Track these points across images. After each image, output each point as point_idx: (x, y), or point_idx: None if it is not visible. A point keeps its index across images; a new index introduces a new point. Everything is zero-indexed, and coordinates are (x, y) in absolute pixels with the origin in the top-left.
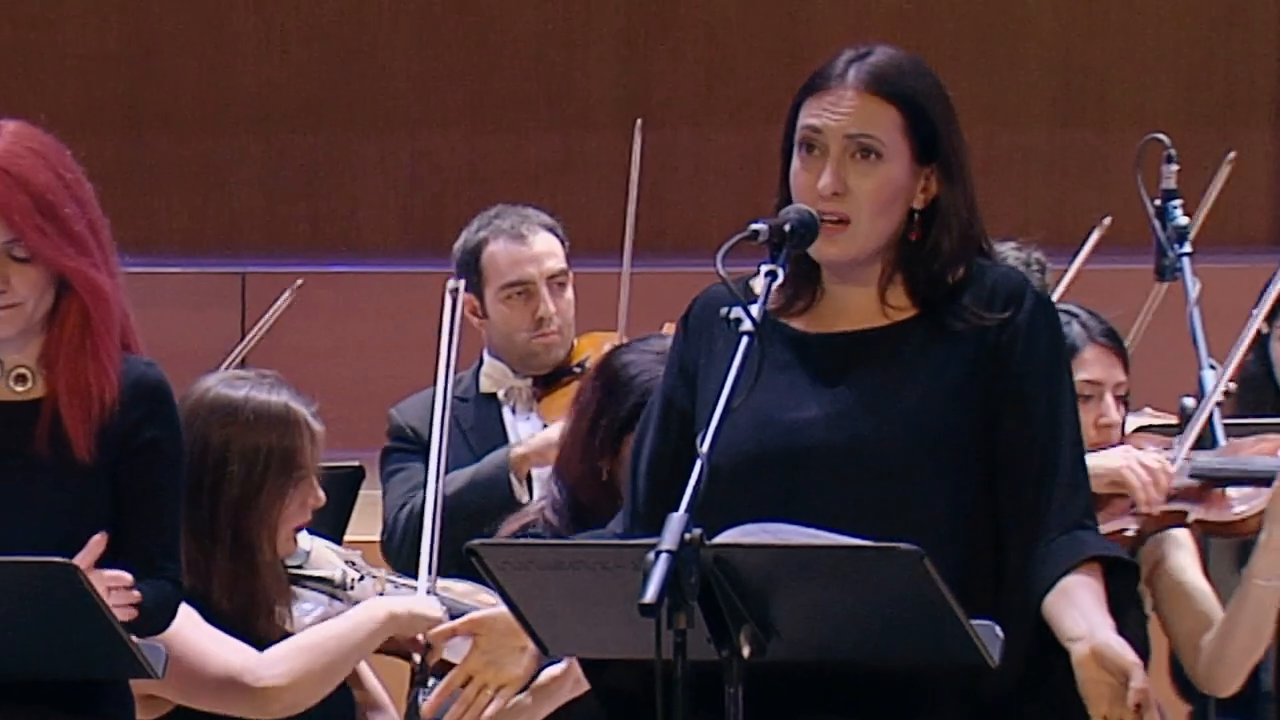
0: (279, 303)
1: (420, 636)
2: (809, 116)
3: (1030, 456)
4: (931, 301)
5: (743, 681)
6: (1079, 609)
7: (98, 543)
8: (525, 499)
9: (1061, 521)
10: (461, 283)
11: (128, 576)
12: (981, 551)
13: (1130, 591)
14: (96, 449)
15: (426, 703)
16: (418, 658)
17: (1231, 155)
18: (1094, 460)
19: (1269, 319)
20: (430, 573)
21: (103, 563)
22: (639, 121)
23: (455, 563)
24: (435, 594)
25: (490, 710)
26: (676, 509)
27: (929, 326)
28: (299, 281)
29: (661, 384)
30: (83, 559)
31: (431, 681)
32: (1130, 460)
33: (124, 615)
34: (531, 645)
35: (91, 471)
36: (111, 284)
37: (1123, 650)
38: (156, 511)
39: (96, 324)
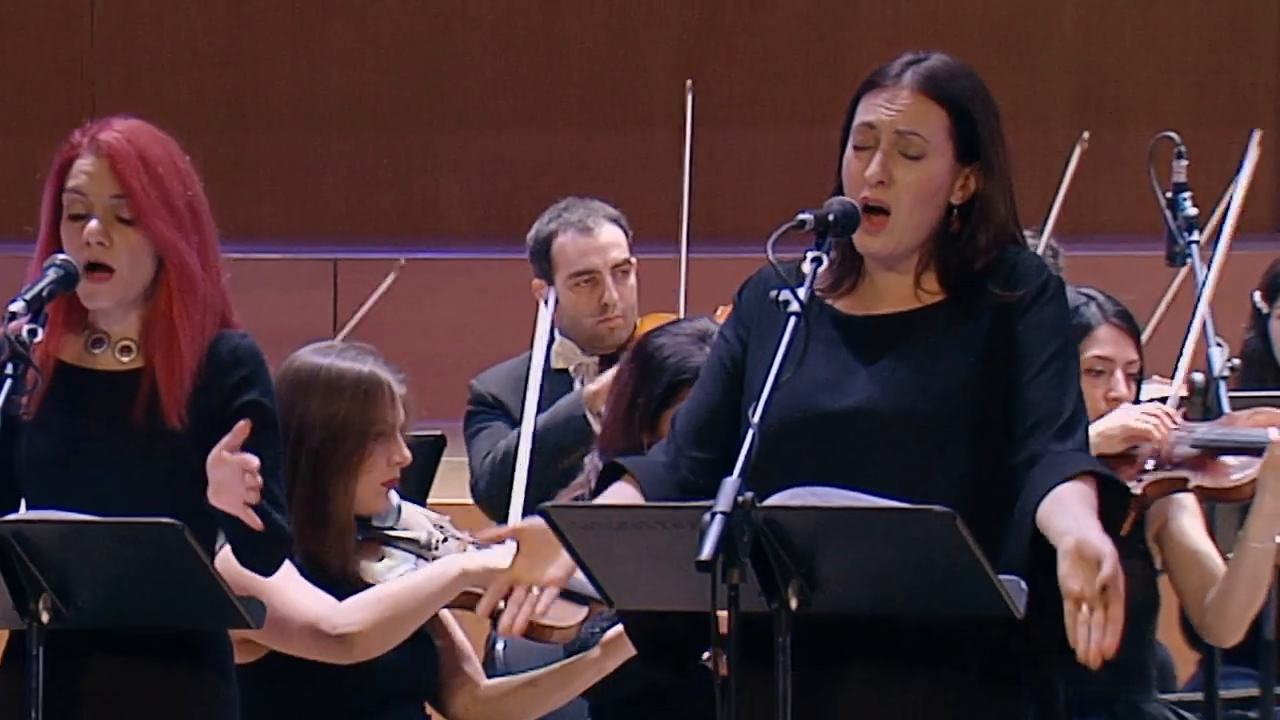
0: (384, 284)
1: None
2: (864, 112)
3: (1035, 402)
4: (960, 287)
5: (791, 630)
6: (1069, 513)
7: (241, 429)
8: (597, 431)
9: (1060, 443)
10: (552, 292)
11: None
12: (1006, 511)
13: (1121, 512)
14: (188, 417)
15: (479, 607)
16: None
17: (1258, 135)
18: (1100, 425)
19: (1269, 298)
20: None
21: (212, 523)
22: (689, 81)
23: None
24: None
25: (541, 605)
26: (711, 453)
27: (955, 309)
28: (401, 261)
29: (714, 347)
30: (228, 441)
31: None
32: (1132, 412)
33: (250, 498)
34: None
35: (184, 438)
36: (201, 265)
37: (1100, 542)
38: (260, 470)
39: (183, 297)
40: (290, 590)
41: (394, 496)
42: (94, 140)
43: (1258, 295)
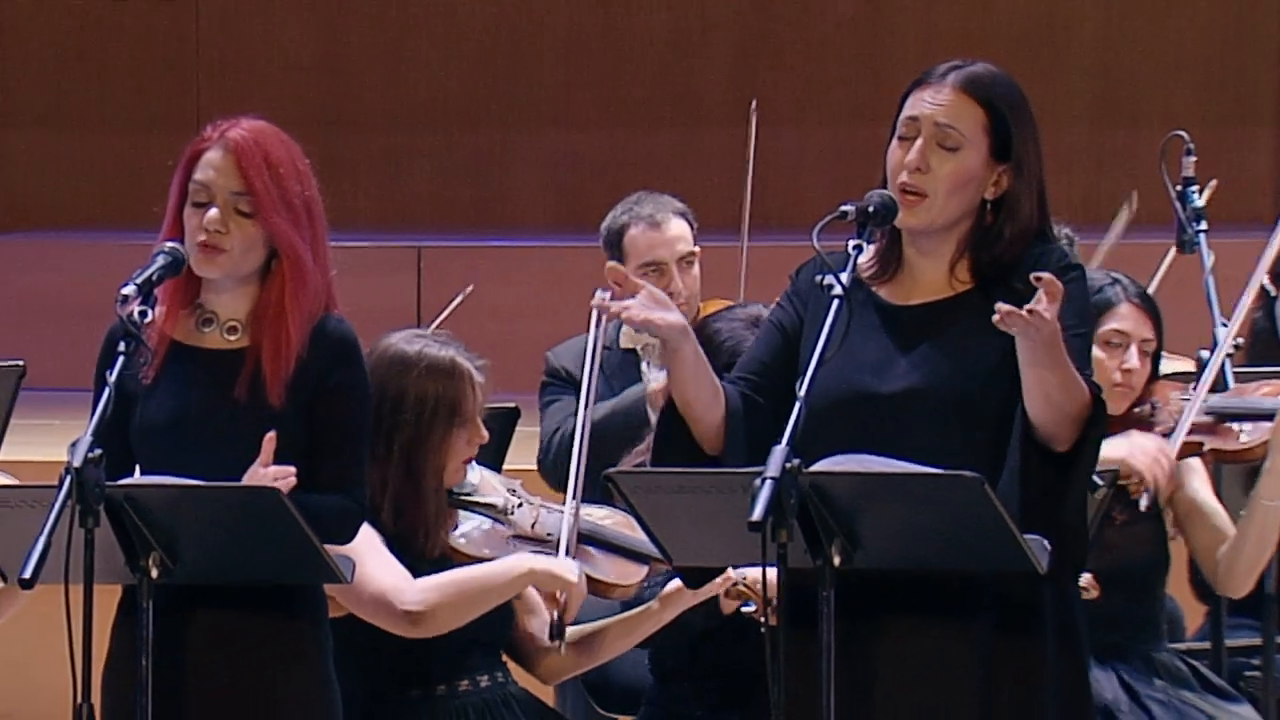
0: (458, 299)
1: (558, 594)
2: (909, 107)
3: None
4: (987, 277)
5: (834, 585)
6: None
7: (269, 440)
8: None
9: None
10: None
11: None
12: (1039, 496)
13: (1102, 420)
14: (287, 395)
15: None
16: (556, 614)
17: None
18: (1106, 449)
19: (1276, 281)
20: (575, 497)
21: (296, 490)
22: (754, 102)
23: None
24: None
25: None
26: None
27: (984, 297)
28: (470, 288)
29: (772, 312)
30: (261, 459)
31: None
32: (1138, 448)
33: (284, 486)
34: None
35: (282, 414)
36: (312, 258)
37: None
38: (344, 444)
39: (295, 288)
40: (369, 560)
41: (472, 464)
42: (223, 136)
43: (1266, 279)
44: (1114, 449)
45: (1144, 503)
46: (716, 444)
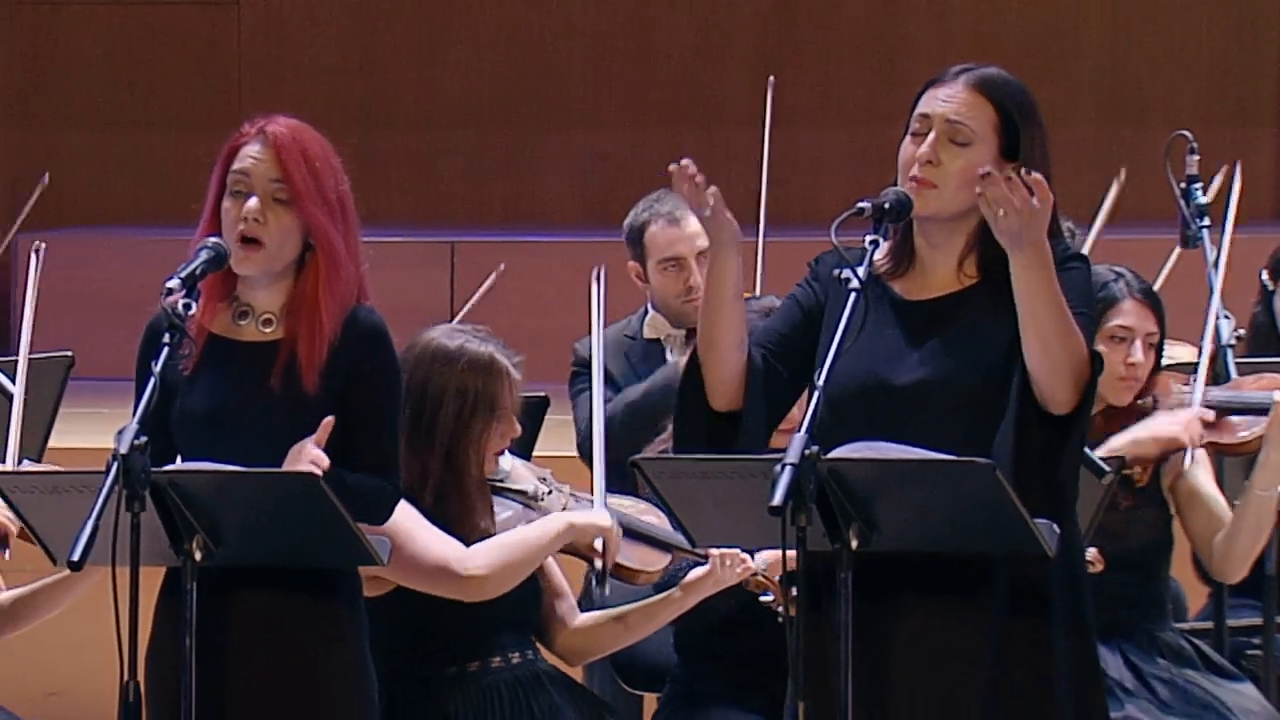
0: (488, 281)
1: (595, 543)
2: (922, 105)
3: None
4: (992, 271)
5: (851, 567)
6: None
7: (326, 425)
8: None
9: None
10: (603, 267)
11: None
12: (1036, 461)
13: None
14: (320, 382)
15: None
16: (597, 562)
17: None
18: (1137, 430)
19: (1275, 276)
20: (602, 491)
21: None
22: (771, 79)
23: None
24: (608, 507)
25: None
26: (776, 370)
27: (989, 291)
28: (501, 266)
29: (793, 292)
30: (317, 437)
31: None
32: (1166, 421)
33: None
34: None
35: (316, 402)
36: (345, 249)
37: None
38: (377, 430)
39: (328, 277)
40: (421, 535)
41: (505, 454)
42: (262, 131)
43: (1264, 274)
44: (1144, 429)
45: (1187, 460)
46: (733, 398)
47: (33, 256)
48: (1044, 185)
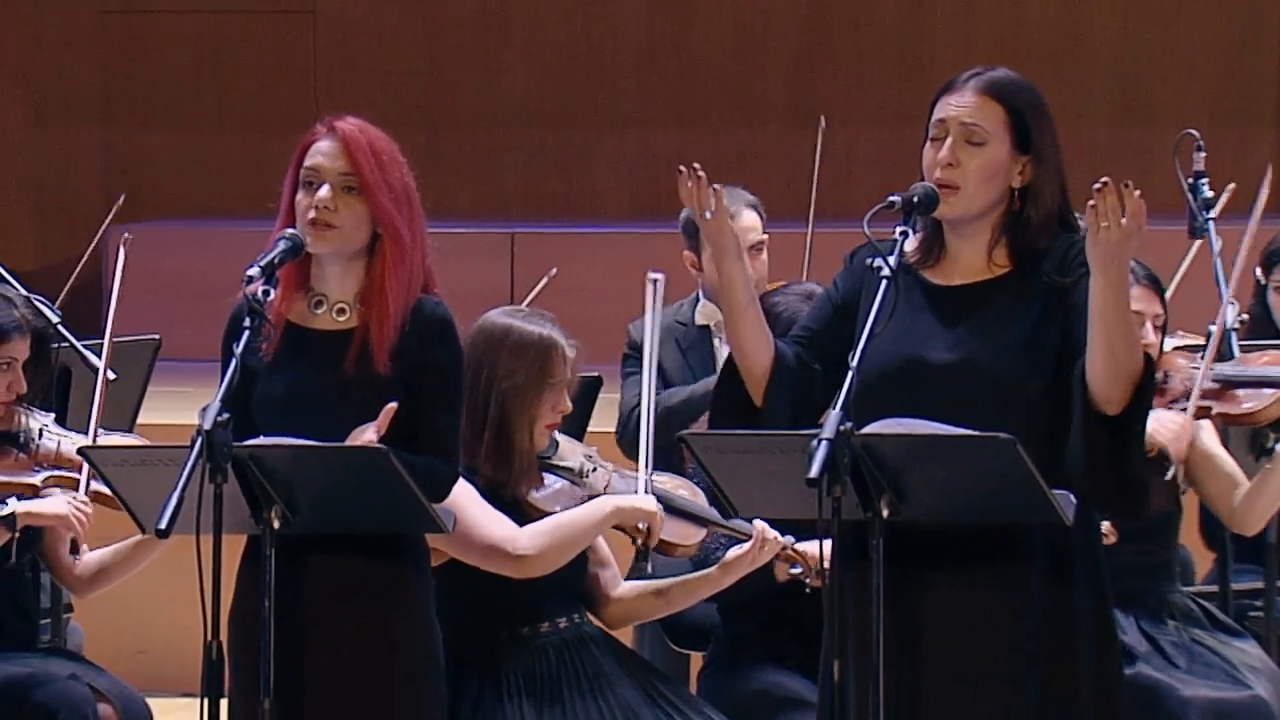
0: (542, 281)
1: (640, 524)
2: (938, 111)
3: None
4: (1023, 262)
5: (883, 535)
6: None
7: (388, 411)
8: None
9: None
10: (661, 275)
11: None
12: (1056, 439)
13: (1152, 381)
14: (390, 366)
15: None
16: (640, 541)
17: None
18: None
19: (1266, 271)
20: (647, 467)
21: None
22: (822, 118)
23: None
24: (651, 485)
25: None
26: (807, 364)
27: (1019, 280)
28: (554, 271)
29: (827, 289)
30: (379, 423)
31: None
32: (1157, 424)
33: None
34: None
35: (387, 384)
36: (410, 238)
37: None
38: (438, 415)
39: (394, 263)
40: (476, 513)
41: (554, 432)
42: (332, 128)
43: (1258, 269)
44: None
45: (1170, 473)
46: (762, 394)
47: (120, 248)
48: (1142, 210)
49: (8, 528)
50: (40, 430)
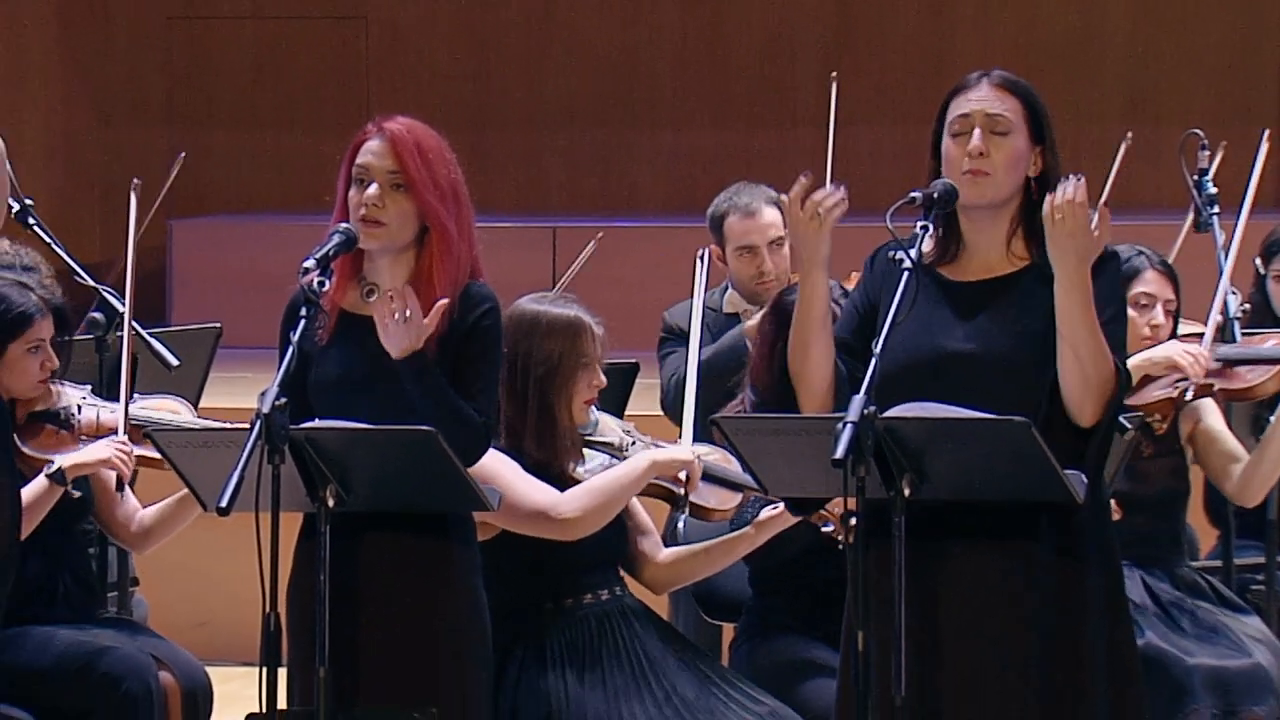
0: (587, 250)
1: (680, 474)
2: (957, 108)
3: None
4: (1041, 255)
5: (904, 512)
6: None
7: (439, 308)
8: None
9: None
10: (709, 249)
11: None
12: (1068, 425)
13: (1125, 392)
14: (439, 351)
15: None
16: (680, 490)
17: (1268, 133)
18: (1152, 351)
19: (1266, 261)
20: (691, 431)
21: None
22: (834, 74)
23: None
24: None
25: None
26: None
27: (1036, 275)
28: (600, 234)
29: (851, 297)
30: (430, 319)
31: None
32: (1179, 348)
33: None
34: None
35: (436, 365)
36: (457, 231)
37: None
38: (475, 379)
39: (441, 254)
40: (521, 484)
41: (593, 410)
42: (381, 128)
43: (1257, 259)
44: (1163, 349)
45: (1189, 395)
46: (824, 402)
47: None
48: (1107, 217)
49: (58, 483)
50: (78, 405)
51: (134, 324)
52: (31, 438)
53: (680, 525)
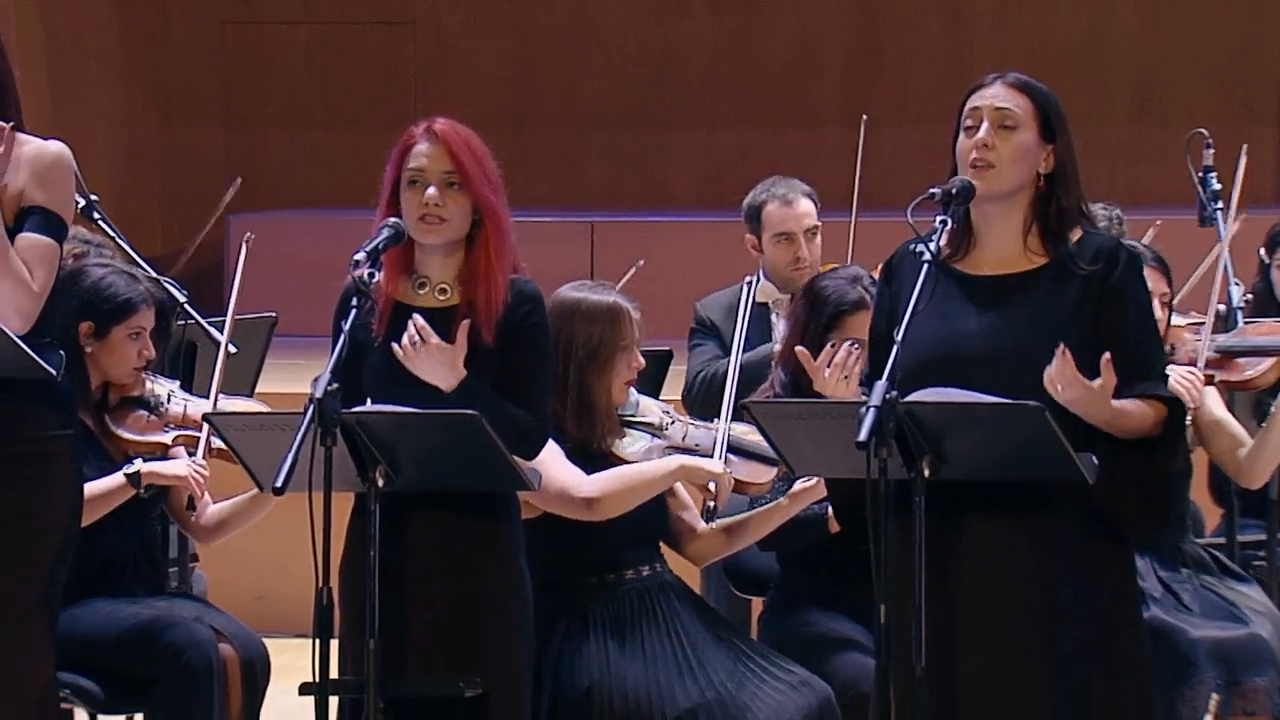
0: (630, 271)
1: (710, 485)
2: (970, 106)
3: (1128, 355)
4: (1058, 254)
5: (925, 492)
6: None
7: (464, 328)
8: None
9: (1141, 381)
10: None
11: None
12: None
13: (1181, 423)
14: (495, 336)
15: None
16: (709, 502)
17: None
18: None
19: (1270, 251)
20: (724, 441)
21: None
22: (864, 117)
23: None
24: (728, 436)
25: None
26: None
27: (1053, 273)
28: (641, 262)
29: (876, 308)
30: (459, 342)
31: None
32: (1174, 376)
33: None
34: None
35: (488, 353)
36: (508, 223)
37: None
38: (530, 379)
39: (497, 245)
40: (552, 465)
41: (633, 392)
42: (429, 131)
43: (1262, 250)
44: None
45: (1188, 419)
46: None
47: (243, 246)
48: (1109, 372)
49: (133, 484)
50: (168, 395)
51: (194, 312)
52: (120, 420)
53: (708, 526)
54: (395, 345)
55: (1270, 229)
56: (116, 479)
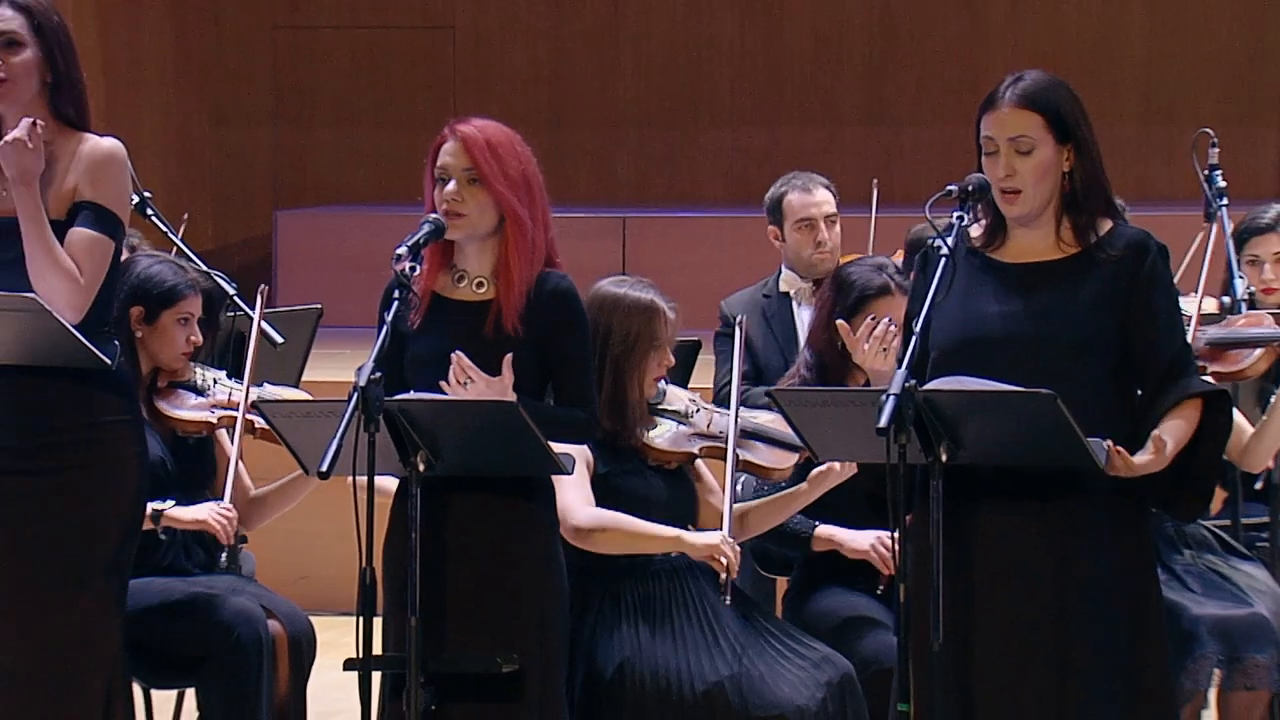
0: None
1: (720, 559)
2: (985, 128)
3: (1160, 347)
4: (1089, 244)
5: (942, 476)
6: (1171, 433)
7: (508, 362)
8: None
9: (1184, 376)
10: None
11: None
12: (1106, 404)
13: (1227, 411)
14: (522, 329)
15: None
16: (722, 575)
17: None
18: None
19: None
20: (730, 512)
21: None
22: (875, 180)
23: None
24: (740, 428)
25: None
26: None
27: (1084, 263)
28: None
29: (907, 307)
30: (505, 374)
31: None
32: None
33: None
34: None
35: (520, 342)
36: (530, 218)
37: (1159, 444)
38: (575, 371)
39: (516, 238)
40: (562, 479)
41: (662, 382)
42: (454, 130)
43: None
44: None
45: None
46: None
47: (258, 297)
48: (1161, 451)
49: (153, 522)
50: (214, 381)
51: (241, 303)
52: (167, 398)
53: (738, 486)
54: (443, 383)
55: (1236, 225)
56: None
